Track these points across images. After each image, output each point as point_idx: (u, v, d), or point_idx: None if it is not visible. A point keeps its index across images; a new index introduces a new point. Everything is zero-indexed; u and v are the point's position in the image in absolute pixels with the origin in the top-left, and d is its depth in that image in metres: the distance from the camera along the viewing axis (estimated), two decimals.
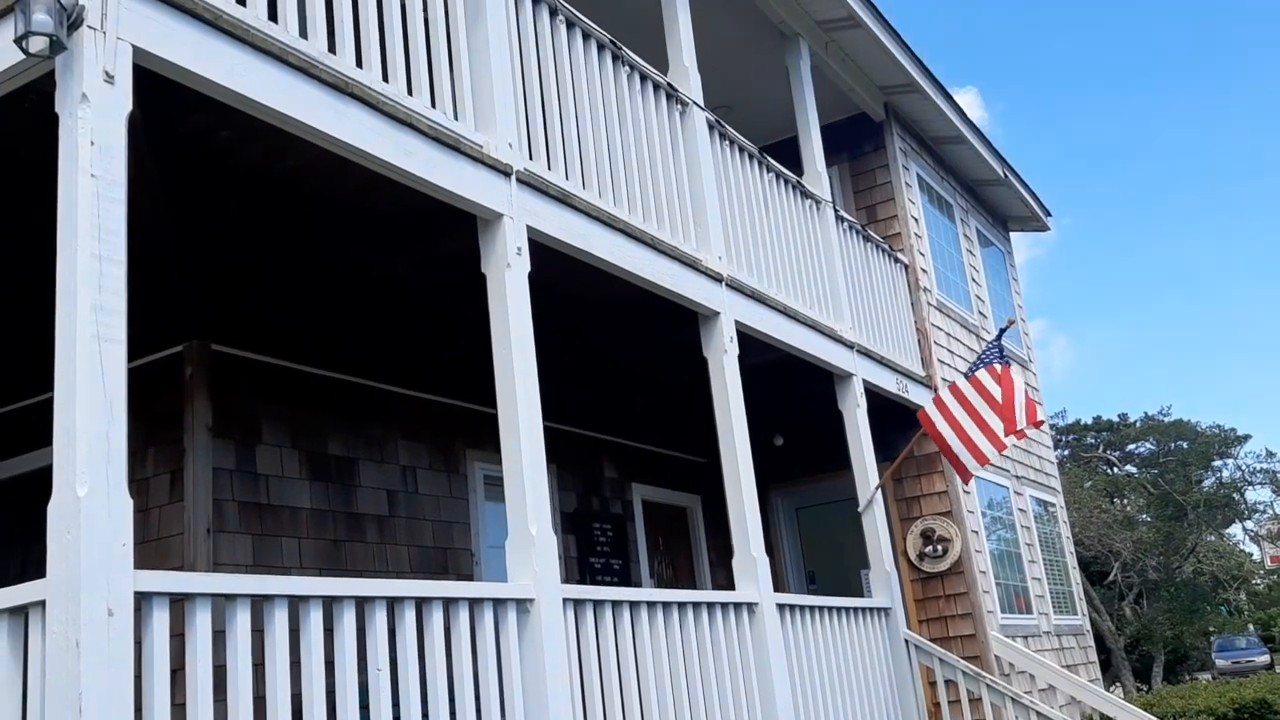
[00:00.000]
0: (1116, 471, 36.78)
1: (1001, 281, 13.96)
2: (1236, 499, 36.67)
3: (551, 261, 5.41)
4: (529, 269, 5.07)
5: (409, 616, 4.15)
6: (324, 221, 5.51)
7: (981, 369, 8.11)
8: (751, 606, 6.34)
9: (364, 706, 3.91)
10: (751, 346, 7.16)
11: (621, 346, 8.09)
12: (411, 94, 4.72)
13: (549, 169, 5.52)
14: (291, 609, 3.68)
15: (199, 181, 4.97)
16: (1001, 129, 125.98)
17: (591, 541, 9.09)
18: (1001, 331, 8.67)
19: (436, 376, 7.80)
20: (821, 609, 7.27)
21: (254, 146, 4.56)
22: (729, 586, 6.51)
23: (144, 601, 3.19)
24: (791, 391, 9.00)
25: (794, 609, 6.88)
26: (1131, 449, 37.40)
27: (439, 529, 7.62)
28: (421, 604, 4.26)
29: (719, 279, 6.82)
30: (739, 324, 6.93)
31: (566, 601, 4.89)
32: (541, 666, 4.62)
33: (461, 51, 5.13)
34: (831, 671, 7.16)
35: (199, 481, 6.09)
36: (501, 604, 4.61)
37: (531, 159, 5.38)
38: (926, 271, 10.89)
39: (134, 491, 3.21)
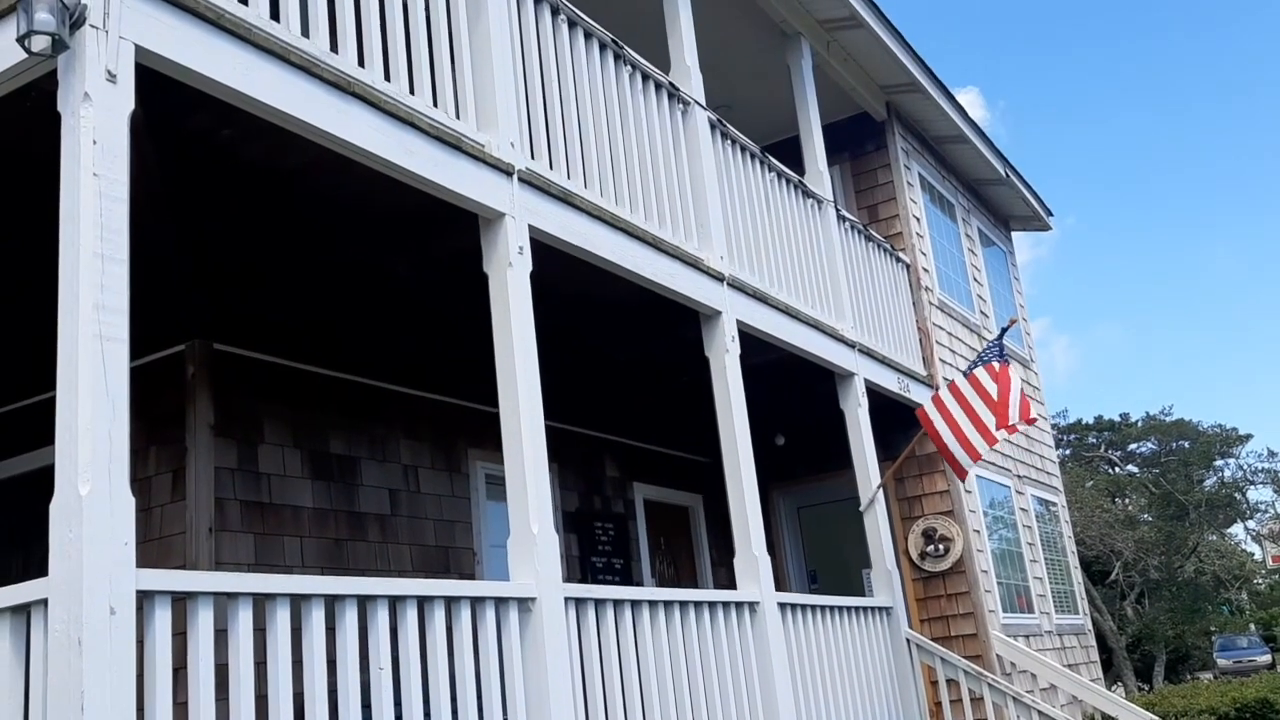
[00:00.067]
0: (1118, 471, 36.77)
1: (1003, 281, 13.95)
2: (1238, 498, 36.65)
3: (553, 261, 5.41)
4: (531, 268, 5.07)
5: (411, 615, 4.14)
6: (326, 220, 5.51)
7: (980, 367, 8.11)
8: (753, 606, 6.34)
9: (366, 705, 3.91)
10: (753, 346, 7.16)
11: (623, 346, 8.09)
12: (413, 93, 4.72)
13: (551, 168, 5.52)
14: (293, 608, 3.68)
15: (201, 180, 4.97)
16: (1003, 128, 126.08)
17: (593, 541, 9.10)
18: (1003, 331, 8.67)
19: (438, 376, 7.80)
20: (823, 608, 7.27)
21: (256, 145, 4.56)
22: (730, 586, 6.51)
23: (146, 600, 3.19)
24: (793, 391, 9.00)
25: (796, 608, 6.88)
26: (1133, 448, 37.39)
27: (441, 528, 7.62)
28: (423, 603, 4.26)
29: (720, 278, 6.82)
30: (740, 323, 6.93)
31: (568, 600, 4.89)
32: (543, 665, 4.62)
33: (463, 50, 5.13)
34: (833, 670, 7.16)
35: (201, 480, 6.10)
36: (503, 603, 4.61)
37: (533, 158, 5.38)
38: (928, 271, 10.89)
39: (136, 490, 3.21)
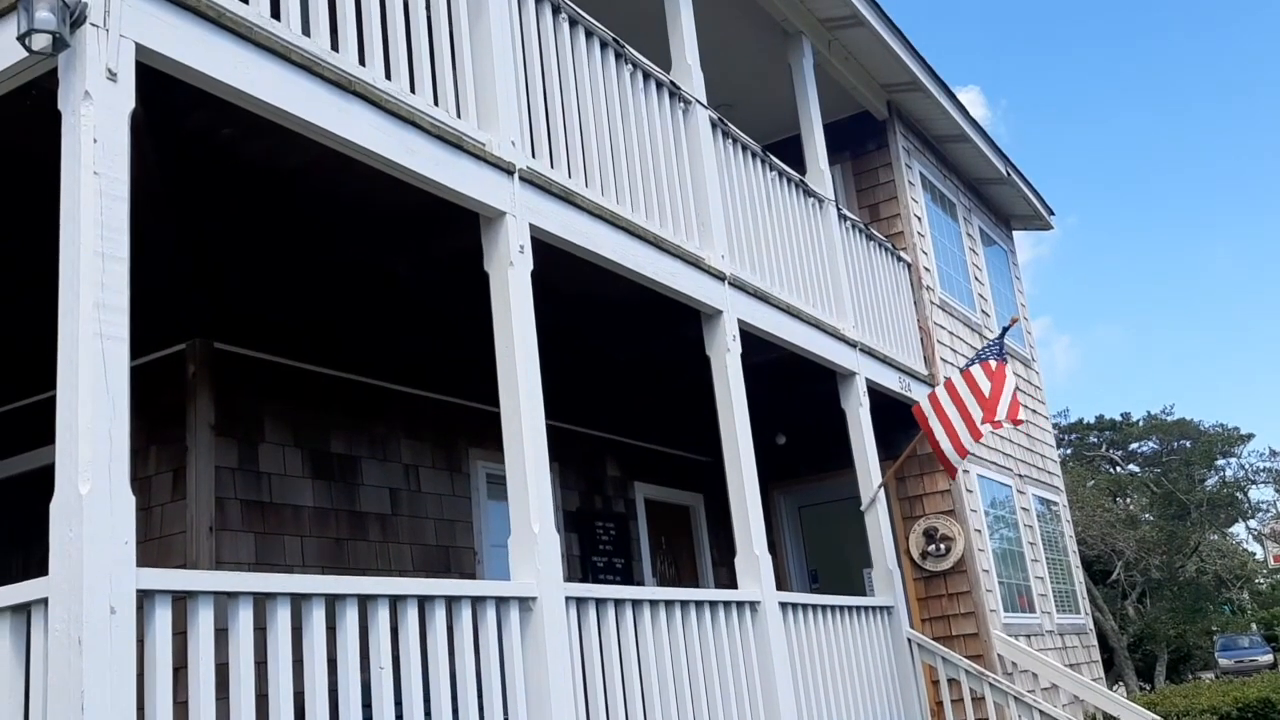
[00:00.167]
0: (1119, 470, 36.75)
1: (1004, 280, 13.95)
2: (1239, 498, 36.58)
3: (554, 260, 5.40)
4: (532, 267, 5.06)
5: (411, 615, 4.14)
6: (327, 220, 5.50)
7: (977, 364, 8.09)
8: (754, 605, 6.33)
9: (366, 705, 3.90)
10: (754, 345, 7.16)
11: (624, 345, 8.09)
12: (414, 92, 4.72)
13: (551, 167, 5.51)
14: (294, 607, 3.68)
15: (201, 179, 4.96)
16: (1004, 127, 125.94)
17: (594, 540, 9.09)
18: (1004, 330, 8.67)
19: (439, 375, 7.80)
20: (824, 608, 7.26)
21: (256, 144, 4.56)
22: (731, 585, 6.50)
23: (146, 599, 3.19)
24: (794, 390, 8.99)
25: (797, 608, 6.87)
26: (1134, 448, 37.36)
27: (441, 527, 7.62)
28: (424, 602, 4.25)
29: (722, 277, 6.81)
30: (742, 322, 6.92)
31: (569, 600, 4.88)
32: (544, 664, 4.61)
33: (464, 49, 5.12)
34: (834, 670, 7.15)
35: (201, 480, 6.10)
36: (504, 602, 4.61)
37: (534, 157, 5.37)
38: (929, 270, 10.89)
39: (136, 490, 3.21)
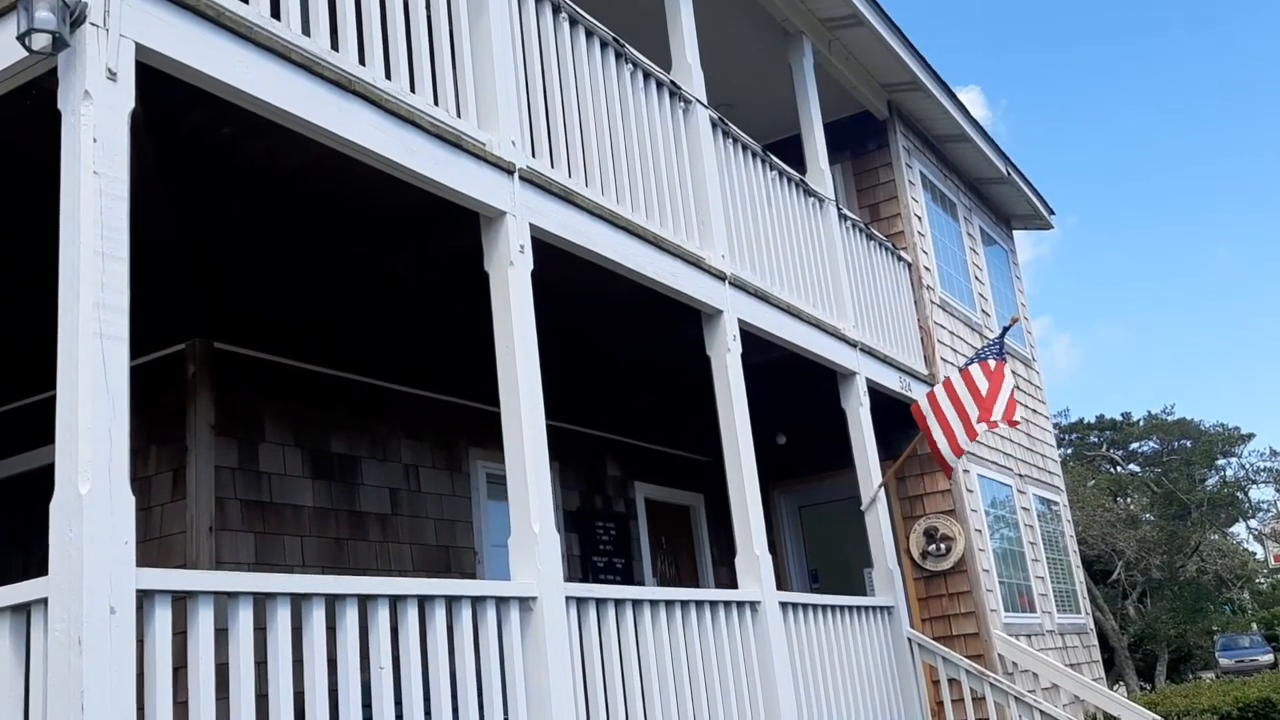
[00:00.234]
0: (1120, 470, 36.74)
1: (1005, 279, 13.95)
2: (1240, 498, 36.56)
3: (554, 259, 5.40)
4: (532, 267, 5.06)
5: (411, 615, 4.14)
6: (327, 219, 5.50)
7: (975, 363, 8.09)
8: (754, 605, 6.33)
9: (366, 705, 3.90)
10: (754, 345, 7.15)
11: (624, 345, 8.09)
12: (414, 91, 4.72)
13: (552, 167, 5.51)
14: (294, 607, 3.68)
15: (201, 179, 4.96)
16: (1004, 127, 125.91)
17: (594, 540, 9.09)
18: (1005, 329, 8.67)
19: (439, 375, 7.80)
20: (824, 607, 7.26)
21: (256, 144, 4.55)
22: (732, 585, 6.50)
23: (146, 599, 3.18)
24: (794, 390, 8.99)
25: (797, 607, 6.87)
26: (1135, 448, 37.35)
27: (441, 527, 7.62)
28: (424, 602, 4.25)
29: (722, 277, 6.81)
30: (742, 322, 6.92)
31: (569, 600, 4.88)
32: (544, 664, 4.61)
33: (464, 49, 5.12)
34: (835, 670, 7.15)
35: (201, 479, 6.09)
36: (504, 602, 4.60)
37: (534, 156, 5.37)
38: (930, 270, 10.88)
39: (136, 489, 3.21)
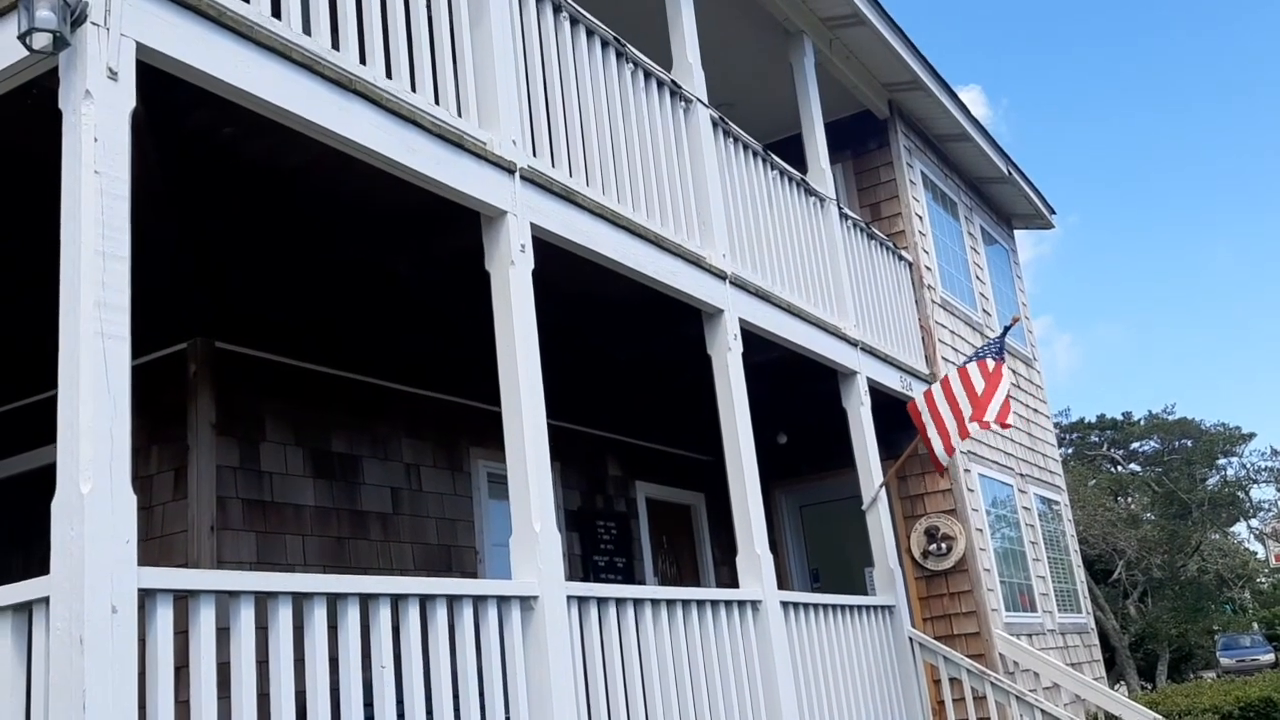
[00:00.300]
0: (1121, 470, 36.74)
1: (1006, 279, 13.95)
2: (1241, 497, 36.57)
3: (555, 259, 5.40)
4: (533, 266, 5.06)
5: (413, 614, 4.14)
6: (327, 219, 5.50)
7: (974, 362, 8.08)
8: (756, 604, 6.33)
9: (368, 704, 3.90)
10: (755, 344, 7.15)
11: (625, 344, 8.09)
12: (415, 90, 4.72)
13: (553, 166, 5.51)
14: (295, 606, 3.68)
15: (202, 178, 4.96)
16: (1005, 126, 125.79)
17: (595, 539, 9.09)
18: (1006, 329, 8.67)
19: (440, 374, 7.80)
20: (825, 607, 7.25)
21: (257, 143, 4.56)
22: (733, 584, 6.51)
23: (148, 598, 3.19)
24: (795, 389, 8.99)
25: (798, 607, 6.86)
26: (1136, 447, 37.35)
27: (443, 526, 7.62)
28: (425, 601, 4.25)
29: (723, 276, 6.81)
30: (743, 321, 6.92)
31: (570, 599, 4.88)
32: (545, 663, 4.61)
33: (465, 48, 5.12)
34: (836, 669, 7.15)
35: (203, 479, 6.09)
36: (505, 601, 4.61)
37: (535, 156, 5.37)
38: (930, 269, 10.88)
39: (137, 489, 3.21)
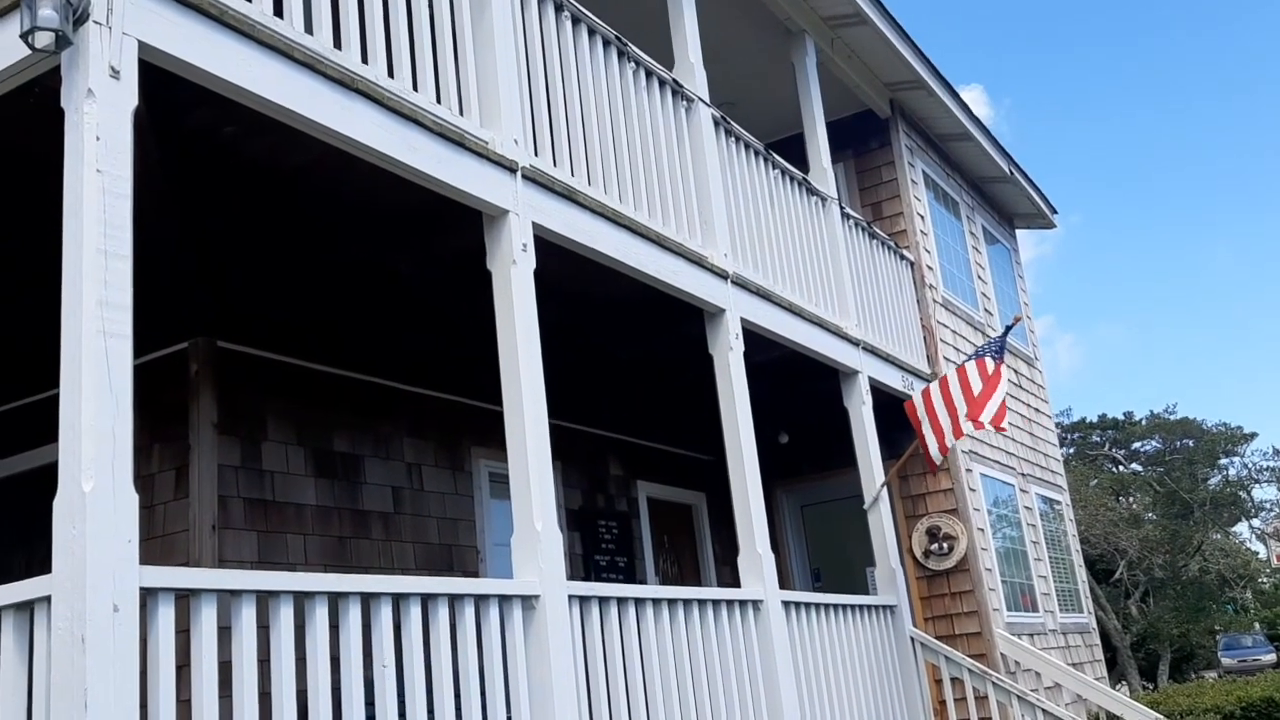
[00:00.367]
0: (1122, 469, 36.73)
1: (1007, 278, 13.94)
2: (1243, 497, 36.57)
3: (557, 258, 5.40)
4: (534, 265, 5.06)
5: (414, 613, 4.14)
6: (329, 218, 5.50)
7: (972, 361, 8.06)
8: (757, 604, 6.33)
9: (369, 703, 3.91)
10: (757, 343, 7.15)
11: (627, 343, 8.09)
12: (417, 90, 4.72)
13: (554, 165, 5.51)
14: (297, 605, 3.68)
15: (204, 177, 4.96)
16: (1007, 126, 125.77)
17: (596, 539, 9.09)
18: (1008, 329, 8.65)
19: (442, 374, 7.80)
20: (827, 606, 7.25)
21: (259, 142, 4.56)
22: (734, 584, 6.51)
23: (149, 597, 3.19)
24: (797, 388, 8.99)
25: (799, 606, 6.86)
26: (1137, 447, 37.34)
27: (444, 526, 7.62)
28: (427, 600, 4.25)
29: (724, 276, 6.81)
30: (744, 321, 6.92)
31: (572, 598, 4.88)
32: (547, 662, 4.61)
33: (467, 47, 5.12)
34: (837, 669, 7.15)
35: (204, 478, 6.10)
36: (507, 600, 4.61)
37: (537, 155, 5.37)
38: (932, 269, 10.88)
39: (139, 488, 3.21)
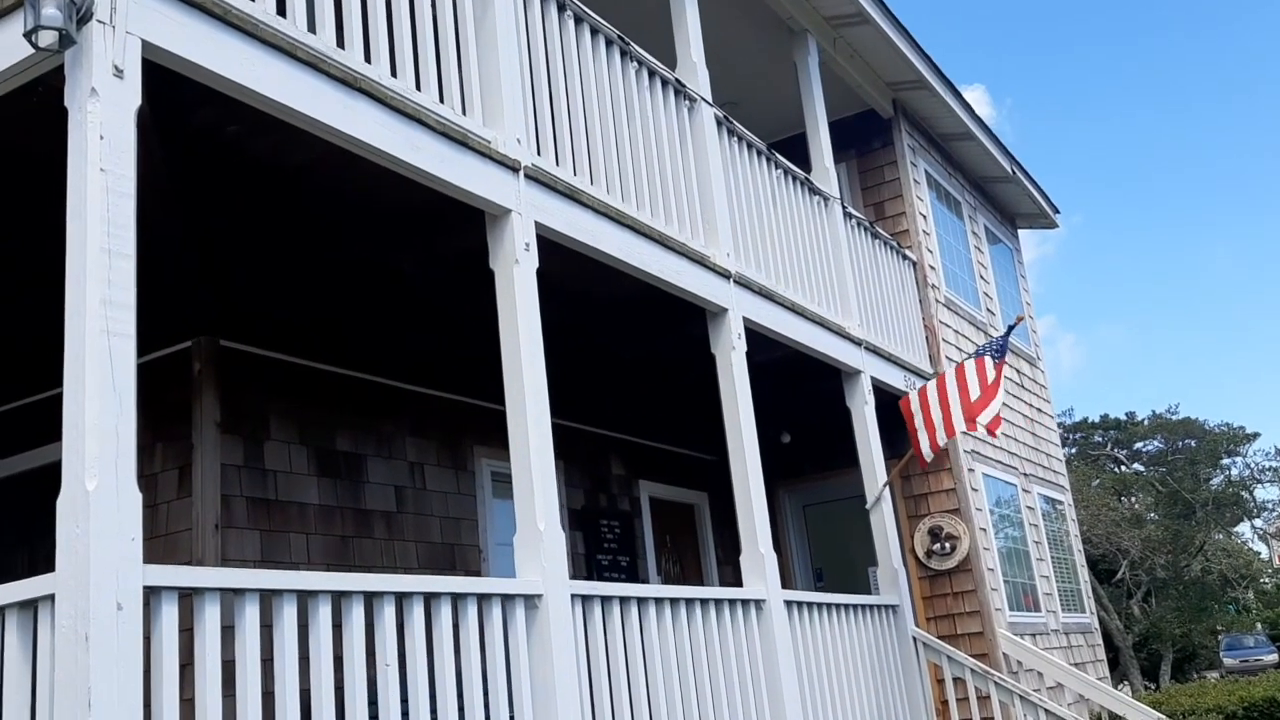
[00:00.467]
0: (1124, 469, 36.70)
1: (1009, 278, 13.93)
2: (1245, 497, 36.53)
3: (559, 257, 5.40)
4: (537, 265, 5.06)
5: (417, 612, 4.14)
6: (332, 217, 5.50)
7: (972, 360, 8.04)
8: (759, 603, 6.33)
9: (372, 702, 3.91)
10: (759, 343, 7.15)
11: (629, 343, 8.08)
12: (419, 89, 4.72)
13: (557, 165, 5.51)
14: (300, 604, 3.68)
15: (207, 176, 4.97)
16: (1009, 126, 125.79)
17: (599, 538, 9.09)
18: (1010, 328, 8.63)
19: (445, 373, 7.80)
20: (829, 606, 7.25)
21: (262, 141, 4.56)
22: (736, 583, 6.51)
23: (153, 596, 3.19)
24: (799, 388, 8.98)
25: (802, 606, 6.86)
26: (1139, 447, 37.30)
27: (447, 525, 7.62)
28: (430, 599, 4.26)
29: (727, 275, 6.81)
30: (747, 320, 6.92)
31: (574, 597, 4.88)
32: (549, 662, 4.62)
33: (469, 47, 5.12)
34: (839, 668, 7.15)
35: (207, 477, 6.10)
36: (509, 599, 4.61)
37: (539, 154, 5.37)
38: (934, 269, 10.87)
39: (142, 487, 3.21)
